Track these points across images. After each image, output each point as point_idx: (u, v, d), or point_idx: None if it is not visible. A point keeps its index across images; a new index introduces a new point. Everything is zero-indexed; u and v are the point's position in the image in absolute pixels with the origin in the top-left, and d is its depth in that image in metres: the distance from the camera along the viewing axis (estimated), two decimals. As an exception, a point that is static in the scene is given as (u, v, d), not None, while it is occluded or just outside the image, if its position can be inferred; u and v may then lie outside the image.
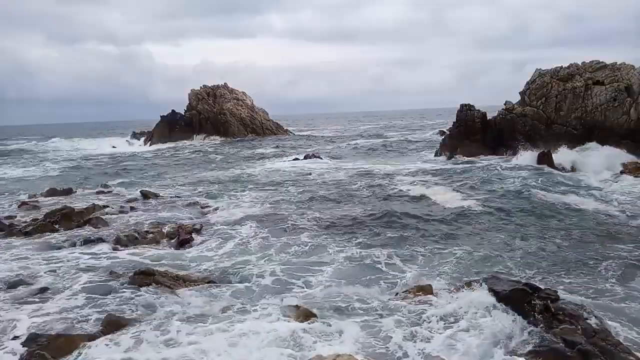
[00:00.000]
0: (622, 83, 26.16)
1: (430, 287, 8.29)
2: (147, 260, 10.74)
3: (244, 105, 55.73)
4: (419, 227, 13.04)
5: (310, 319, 7.28)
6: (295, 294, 8.73)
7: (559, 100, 27.32)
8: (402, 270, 9.75)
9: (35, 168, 33.04)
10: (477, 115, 28.93)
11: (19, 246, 11.79)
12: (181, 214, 15.34)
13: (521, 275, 9.24)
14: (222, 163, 31.86)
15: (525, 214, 14.16)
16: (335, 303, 8.11)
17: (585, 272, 9.38)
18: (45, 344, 6.32)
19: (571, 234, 11.91)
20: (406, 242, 11.70)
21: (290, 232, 12.86)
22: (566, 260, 10.03)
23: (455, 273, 9.51)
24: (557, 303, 6.69)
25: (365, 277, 9.41)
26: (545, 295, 6.81)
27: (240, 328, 7.09)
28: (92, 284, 9.03)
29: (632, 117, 25.26)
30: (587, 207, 14.73)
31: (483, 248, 10.98)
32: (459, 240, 11.69)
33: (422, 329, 7.02)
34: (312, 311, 7.52)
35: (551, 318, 6.45)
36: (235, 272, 9.91)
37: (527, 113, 27.74)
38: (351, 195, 17.96)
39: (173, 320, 7.41)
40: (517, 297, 6.95)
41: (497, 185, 18.63)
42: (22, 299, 8.44)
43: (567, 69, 28.20)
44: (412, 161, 28.90)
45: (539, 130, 27.20)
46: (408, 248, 11.20)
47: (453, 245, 11.25)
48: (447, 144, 29.98)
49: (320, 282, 9.24)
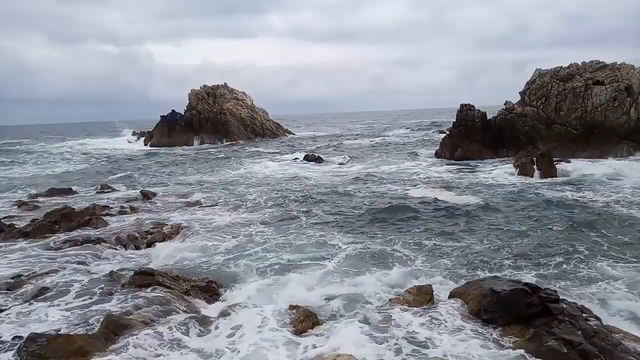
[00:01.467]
0: (622, 83, 26.18)
1: (430, 287, 8.28)
2: (147, 260, 10.73)
3: (244, 105, 55.70)
4: (418, 227, 13.04)
5: (309, 318, 7.27)
6: (295, 293, 8.72)
7: (559, 100, 27.34)
8: (401, 270, 9.73)
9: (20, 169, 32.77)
10: (477, 115, 28.95)
11: (19, 246, 11.79)
12: (181, 214, 15.35)
13: (521, 275, 9.24)
14: (222, 162, 31.85)
15: (526, 214, 14.16)
16: (335, 303, 8.11)
17: (585, 272, 9.38)
18: (45, 344, 6.31)
19: (572, 235, 11.90)
20: (406, 241, 11.70)
21: (289, 232, 12.85)
22: (566, 261, 10.02)
23: (456, 273, 9.50)
24: (557, 303, 6.69)
25: (365, 277, 9.40)
26: (545, 296, 6.80)
27: (240, 329, 7.09)
28: (92, 284, 9.02)
29: (632, 117, 25.28)
30: (591, 206, 14.71)
31: (483, 248, 10.99)
32: (459, 240, 11.69)
33: (422, 329, 7.02)
34: (311, 311, 7.52)
35: (551, 318, 6.45)
36: (235, 272, 9.91)
37: (527, 113, 27.75)
38: (350, 195, 17.96)
39: (173, 321, 7.41)
40: (517, 297, 6.94)
41: (497, 186, 18.64)
42: (22, 299, 8.44)
43: (567, 69, 28.22)
44: (412, 161, 28.91)
45: (539, 130, 27.21)
46: (408, 248, 11.19)
47: (453, 245, 11.26)
48: (447, 144, 30.01)
49: (320, 282, 9.24)
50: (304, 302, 8.02)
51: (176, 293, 8.50)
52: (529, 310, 6.70)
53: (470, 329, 6.96)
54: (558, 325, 6.28)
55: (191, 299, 8.55)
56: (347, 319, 7.45)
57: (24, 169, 32.91)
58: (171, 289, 8.65)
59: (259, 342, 6.72)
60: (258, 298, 8.55)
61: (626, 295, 8.32)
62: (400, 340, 6.70)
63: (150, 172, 28.05)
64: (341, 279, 9.33)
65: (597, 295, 8.32)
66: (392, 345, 6.61)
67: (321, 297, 8.51)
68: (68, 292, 8.73)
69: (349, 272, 9.72)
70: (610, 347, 5.91)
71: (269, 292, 8.86)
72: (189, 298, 8.56)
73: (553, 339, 6.07)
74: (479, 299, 7.37)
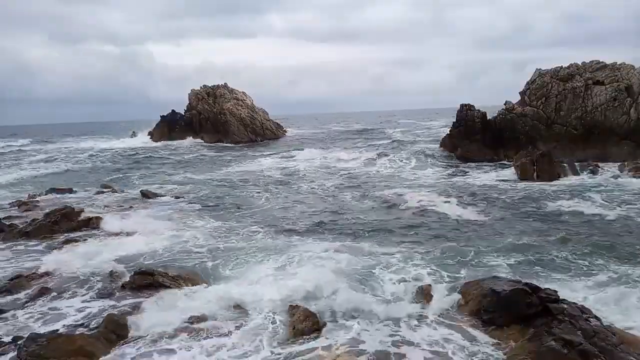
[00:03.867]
0: (622, 83, 26.16)
1: (430, 288, 8.29)
2: (147, 260, 10.73)
3: (244, 105, 55.65)
4: (418, 227, 13.05)
5: (309, 319, 7.27)
6: (295, 293, 8.72)
7: (559, 100, 27.32)
8: (401, 270, 9.73)
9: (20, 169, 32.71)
10: (477, 115, 28.93)
11: (19, 246, 11.79)
12: (181, 214, 15.35)
13: (521, 275, 9.24)
14: (222, 162, 31.84)
15: (526, 215, 14.17)
16: (335, 303, 8.10)
17: (585, 272, 9.38)
18: (45, 344, 6.32)
19: (572, 235, 11.90)
20: (406, 242, 11.70)
21: (289, 232, 12.86)
22: (566, 261, 10.03)
23: (456, 273, 9.50)
24: (557, 303, 6.69)
25: (365, 277, 9.40)
26: (545, 296, 6.81)
27: (239, 329, 7.09)
28: (92, 285, 9.03)
29: (632, 117, 25.26)
30: (588, 210, 14.69)
31: (483, 248, 10.98)
32: (458, 241, 11.68)
33: (422, 329, 7.02)
34: (311, 311, 7.52)
35: (551, 318, 6.45)
36: (235, 272, 9.91)
37: (527, 113, 27.74)
38: (350, 195, 17.96)
39: (173, 321, 7.42)
40: (517, 297, 6.94)
41: (497, 186, 18.64)
42: (22, 300, 8.44)
43: (567, 69, 28.20)
44: (412, 161, 28.87)
45: (539, 130, 27.19)
46: (408, 248, 11.19)
47: (453, 245, 11.24)
48: (447, 144, 29.99)
49: (320, 281, 9.23)
50: (304, 302, 8.02)
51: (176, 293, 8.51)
52: (529, 310, 6.70)
53: (470, 329, 6.96)
54: (558, 325, 6.28)
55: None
56: (347, 320, 7.45)
57: (24, 169, 32.88)
58: (171, 288, 8.65)
59: (259, 342, 6.72)
60: (258, 298, 8.54)
61: (626, 295, 8.32)
62: (401, 341, 6.71)
63: (150, 172, 28.06)
64: (341, 279, 9.33)
65: (598, 296, 8.32)
66: (392, 345, 6.61)
67: (321, 296, 8.51)
68: (68, 292, 8.74)
69: (348, 273, 9.71)
70: (610, 347, 5.91)
71: (269, 291, 8.85)
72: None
73: (553, 339, 6.07)
74: (479, 299, 7.38)
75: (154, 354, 6.52)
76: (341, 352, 6.30)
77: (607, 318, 6.97)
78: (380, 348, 6.54)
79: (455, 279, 9.14)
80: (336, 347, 6.48)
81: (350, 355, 6.13)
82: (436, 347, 6.59)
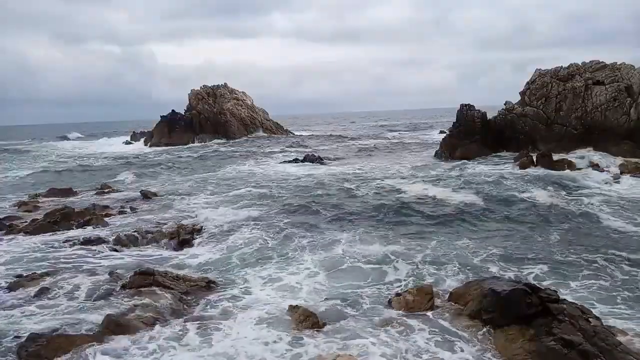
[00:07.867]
0: (622, 83, 26.15)
1: (430, 287, 8.28)
2: (147, 260, 10.73)
3: (244, 105, 55.70)
4: (418, 227, 13.04)
5: (309, 319, 7.27)
6: (295, 293, 8.73)
7: (559, 100, 27.31)
8: (401, 270, 9.73)
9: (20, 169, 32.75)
10: (477, 115, 28.92)
11: (19, 247, 11.78)
12: (181, 214, 15.34)
13: (521, 275, 9.24)
14: (222, 163, 31.80)
15: (526, 215, 14.15)
16: (335, 303, 8.11)
17: (584, 272, 9.38)
18: (45, 344, 6.32)
19: (572, 235, 11.91)
20: (406, 241, 11.69)
21: (289, 232, 12.84)
22: (566, 261, 10.02)
23: (456, 273, 9.49)
24: (557, 303, 6.69)
25: (365, 278, 9.41)
26: (546, 296, 6.80)
27: (240, 329, 7.09)
28: (91, 285, 9.02)
29: (632, 117, 25.25)
30: (588, 209, 14.70)
31: (483, 248, 10.97)
32: (458, 240, 11.68)
33: (422, 329, 7.02)
34: (311, 311, 7.52)
35: (551, 318, 6.44)
36: (235, 272, 9.91)
37: (527, 113, 27.74)
38: (350, 196, 17.94)
39: (173, 321, 7.42)
40: (517, 297, 6.94)
41: (496, 186, 18.62)
42: (21, 300, 8.44)
43: (567, 69, 28.19)
44: (412, 161, 28.88)
45: (539, 130, 27.19)
46: (407, 247, 11.17)
47: (453, 245, 11.25)
48: (447, 144, 29.96)
49: (320, 281, 9.24)
50: (304, 302, 8.02)
51: (176, 293, 8.51)
52: (529, 310, 6.69)
53: (470, 329, 6.96)
54: (558, 325, 6.27)
55: (191, 299, 8.56)
56: (347, 320, 7.45)
57: (24, 169, 32.88)
58: (171, 289, 8.65)
59: (259, 343, 6.72)
60: (258, 298, 8.54)
61: (626, 296, 8.32)
62: (401, 341, 6.71)
63: (150, 172, 28.05)
64: (341, 279, 9.34)
65: (598, 296, 8.32)
66: (392, 345, 6.61)
67: (321, 296, 8.51)
68: (68, 292, 8.73)
69: (348, 273, 9.72)
70: (610, 347, 5.91)
71: (269, 291, 8.86)
72: (188, 298, 8.56)
73: (553, 339, 6.07)
74: (479, 299, 7.37)
75: (154, 353, 6.52)
76: (341, 352, 6.29)
77: (607, 318, 6.98)
78: (380, 348, 6.54)
79: (455, 278, 9.15)
80: (336, 347, 6.48)
81: (350, 356, 6.13)
82: (436, 347, 6.59)
